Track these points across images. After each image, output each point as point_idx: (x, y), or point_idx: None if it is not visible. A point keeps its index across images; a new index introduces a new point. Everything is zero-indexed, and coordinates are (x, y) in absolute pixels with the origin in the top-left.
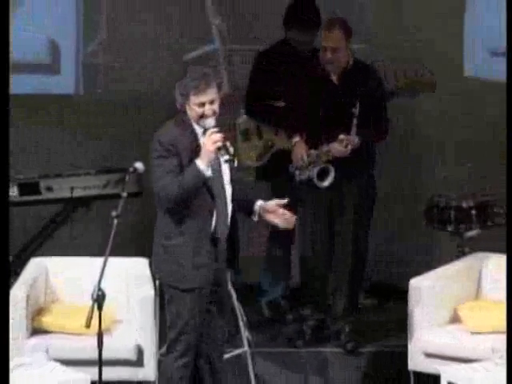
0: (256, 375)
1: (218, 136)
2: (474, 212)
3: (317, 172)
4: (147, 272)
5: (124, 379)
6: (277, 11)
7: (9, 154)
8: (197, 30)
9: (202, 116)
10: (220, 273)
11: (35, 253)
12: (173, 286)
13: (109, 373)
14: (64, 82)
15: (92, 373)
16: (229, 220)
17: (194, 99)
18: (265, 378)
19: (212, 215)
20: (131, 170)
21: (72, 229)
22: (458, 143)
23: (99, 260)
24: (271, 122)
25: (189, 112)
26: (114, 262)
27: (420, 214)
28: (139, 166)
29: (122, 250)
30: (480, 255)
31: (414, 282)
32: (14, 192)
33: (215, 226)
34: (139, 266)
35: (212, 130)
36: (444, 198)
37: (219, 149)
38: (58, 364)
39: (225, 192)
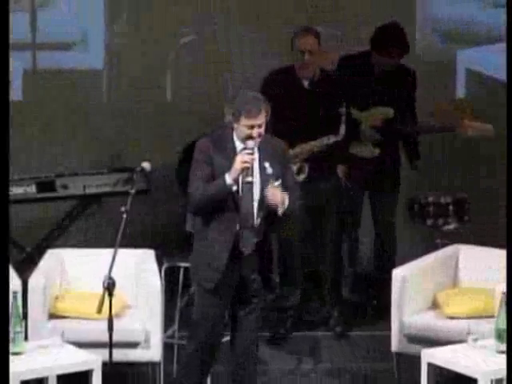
0: None
1: (248, 157)
2: (451, 208)
3: (296, 169)
4: (154, 262)
5: (132, 360)
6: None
7: (9, 153)
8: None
9: (249, 137)
10: (249, 282)
11: (52, 244)
12: (196, 283)
13: (118, 354)
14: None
15: (103, 354)
16: (255, 235)
17: (245, 121)
18: (262, 359)
19: (236, 228)
20: (139, 169)
21: (85, 223)
22: None
23: (110, 251)
24: None
25: (236, 130)
26: (124, 252)
27: None
28: (146, 165)
29: (131, 241)
30: (457, 247)
31: (397, 272)
32: (32, 189)
33: (239, 239)
34: (147, 257)
35: (246, 150)
36: (424, 194)
37: (246, 169)
38: (72, 346)
39: (252, 209)
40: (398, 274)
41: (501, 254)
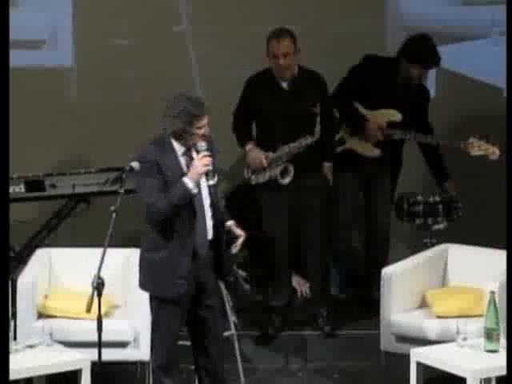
0: (242, 355)
1: (209, 160)
2: (440, 207)
3: (280, 171)
4: None
5: (121, 359)
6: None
7: (9, 152)
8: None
9: (199, 137)
10: (205, 282)
11: (41, 244)
12: (155, 296)
13: (107, 354)
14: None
15: (92, 354)
16: (209, 235)
17: (197, 123)
18: (250, 357)
19: (193, 231)
20: (128, 168)
21: (74, 222)
22: None
23: (99, 250)
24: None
25: (183, 134)
26: (113, 252)
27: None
28: (135, 165)
29: (120, 240)
30: (446, 246)
31: (386, 271)
32: (21, 189)
33: (196, 241)
34: (135, 256)
35: (204, 153)
36: (413, 193)
37: (207, 173)
38: (61, 346)
39: (203, 209)
40: (386, 273)
41: (490, 254)
